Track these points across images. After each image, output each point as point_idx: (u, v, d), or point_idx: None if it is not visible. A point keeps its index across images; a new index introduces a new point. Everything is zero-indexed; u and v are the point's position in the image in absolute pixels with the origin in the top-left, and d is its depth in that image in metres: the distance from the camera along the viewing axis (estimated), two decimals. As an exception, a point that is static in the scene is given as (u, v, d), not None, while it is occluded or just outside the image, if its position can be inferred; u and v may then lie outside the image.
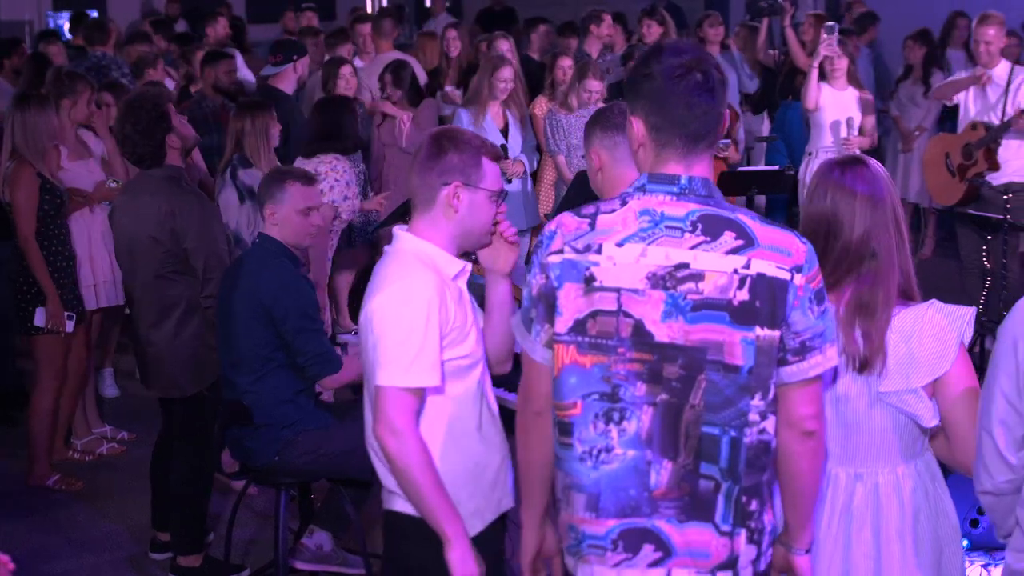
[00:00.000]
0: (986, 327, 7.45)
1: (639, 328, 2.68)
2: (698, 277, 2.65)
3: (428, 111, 8.61)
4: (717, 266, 2.64)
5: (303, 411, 4.76)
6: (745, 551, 2.73)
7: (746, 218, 2.70)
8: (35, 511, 6.14)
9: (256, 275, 4.70)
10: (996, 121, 7.70)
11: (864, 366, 3.00)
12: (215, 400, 5.12)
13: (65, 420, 6.68)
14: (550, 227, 2.84)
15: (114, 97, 7.03)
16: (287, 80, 8.16)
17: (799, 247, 2.69)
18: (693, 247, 2.66)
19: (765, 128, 9.85)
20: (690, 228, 2.68)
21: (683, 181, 2.73)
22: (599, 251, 2.72)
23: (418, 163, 3.31)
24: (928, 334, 2.98)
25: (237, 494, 5.69)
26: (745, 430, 2.68)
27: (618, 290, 2.70)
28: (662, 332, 2.67)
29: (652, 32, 9.76)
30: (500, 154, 3.42)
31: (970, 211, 7.56)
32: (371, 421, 3.26)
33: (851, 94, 8.33)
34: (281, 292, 4.65)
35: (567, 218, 2.82)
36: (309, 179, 4.96)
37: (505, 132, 7.98)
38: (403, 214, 7.31)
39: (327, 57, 9.17)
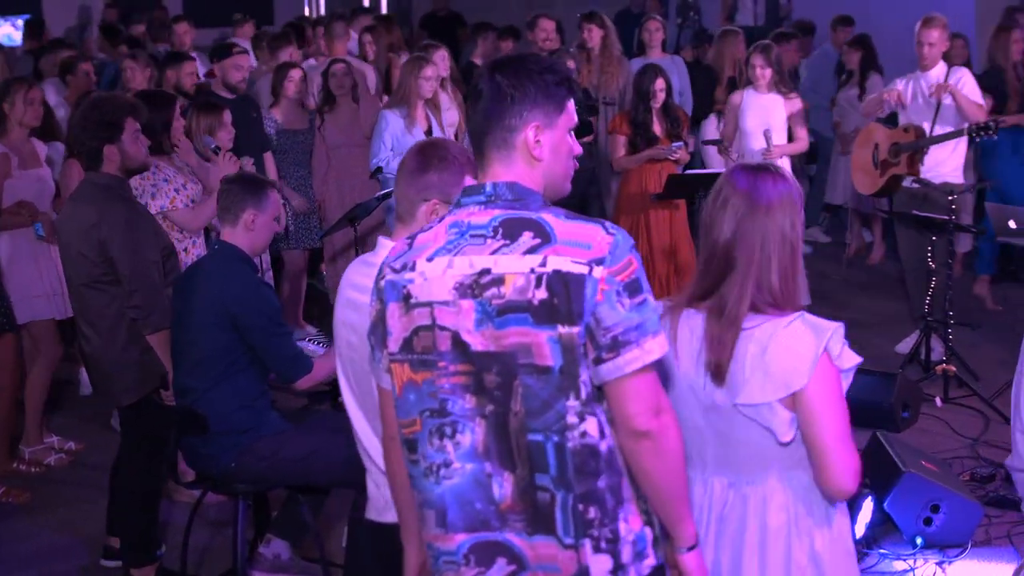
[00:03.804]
0: (932, 327, 7.55)
1: (456, 339, 2.66)
2: (499, 281, 2.61)
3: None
4: (515, 267, 2.60)
5: (260, 417, 4.72)
6: (595, 562, 2.66)
7: (550, 216, 2.66)
8: (-18, 523, 6.05)
9: (220, 281, 4.66)
10: (930, 121, 7.81)
11: (714, 375, 2.91)
12: (165, 406, 5.08)
13: (5, 432, 6.57)
14: (386, 254, 2.87)
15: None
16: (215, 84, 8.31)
17: (602, 239, 2.61)
18: (494, 252, 2.64)
19: (711, 131, 9.85)
20: (491, 234, 2.66)
21: (488, 189, 2.73)
22: (413, 268, 2.72)
23: (403, 175, 3.38)
24: (784, 347, 2.87)
25: (188, 504, 5.65)
26: (567, 434, 2.62)
27: (431, 304, 2.68)
28: (476, 341, 2.64)
29: (593, 36, 9.74)
30: None
31: (915, 212, 7.64)
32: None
33: (774, 99, 8.36)
34: (248, 299, 4.62)
35: (398, 243, 2.85)
36: (277, 187, 4.99)
37: (429, 135, 7.97)
38: (352, 219, 7.32)
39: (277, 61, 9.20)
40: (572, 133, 2.82)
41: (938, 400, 7.04)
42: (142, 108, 5.35)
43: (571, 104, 2.80)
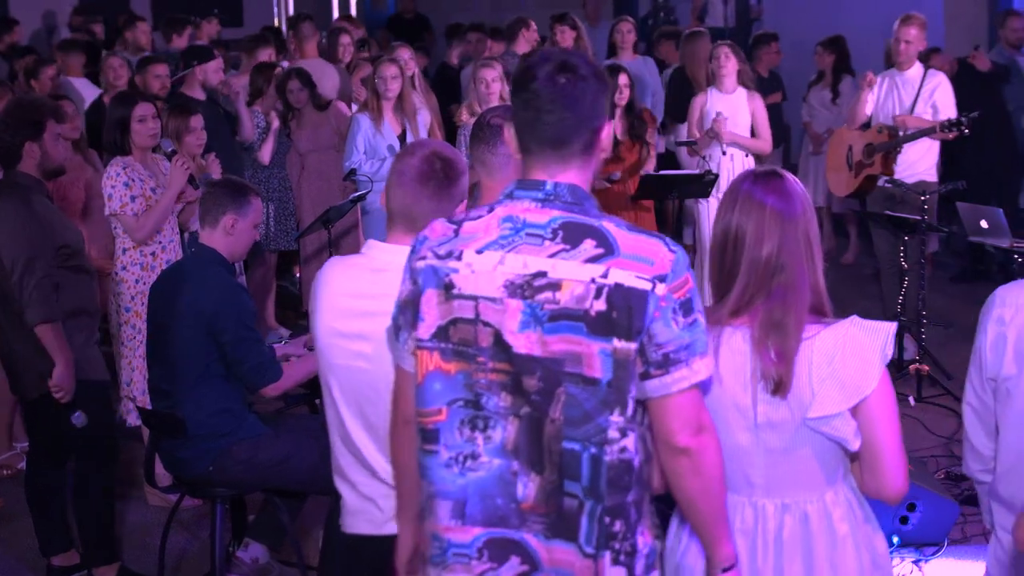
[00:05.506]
0: (904, 327, 7.59)
1: (498, 338, 2.61)
2: (555, 286, 2.56)
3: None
4: (575, 275, 2.55)
5: (238, 421, 4.71)
6: (612, 573, 2.64)
7: (611, 226, 2.61)
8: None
9: (198, 285, 4.64)
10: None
11: (778, 388, 2.83)
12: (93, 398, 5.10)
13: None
14: (422, 233, 2.79)
15: None
16: (191, 86, 8.23)
17: (664, 255, 2.59)
18: (552, 255, 2.58)
19: (683, 132, 9.88)
20: (550, 236, 2.60)
21: (548, 187, 2.65)
22: (459, 257, 2.66)
23: (419, 189, 3.25)
24: (851, 353, 2.82)
25: (164, 508, 5.62)
26: (605, 447, 2.58)
27: (475, 298, 2.63)
28: (519, 343, 2.59)
29: (566, 37, 9.72)
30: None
31: (887, 212, 7.67)
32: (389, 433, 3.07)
33: (738, 99, 8.35)
34: (224, 302, 4.60)
35: (438, 224, 2.76)
36: (259, 194, 4.98)
37: (403, 138, 7.95)
38: (326, 221, 7.30)
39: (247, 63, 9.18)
40: None
41: (911, 399, 7.07)
42: (61, 112, 5.38)
43: None
